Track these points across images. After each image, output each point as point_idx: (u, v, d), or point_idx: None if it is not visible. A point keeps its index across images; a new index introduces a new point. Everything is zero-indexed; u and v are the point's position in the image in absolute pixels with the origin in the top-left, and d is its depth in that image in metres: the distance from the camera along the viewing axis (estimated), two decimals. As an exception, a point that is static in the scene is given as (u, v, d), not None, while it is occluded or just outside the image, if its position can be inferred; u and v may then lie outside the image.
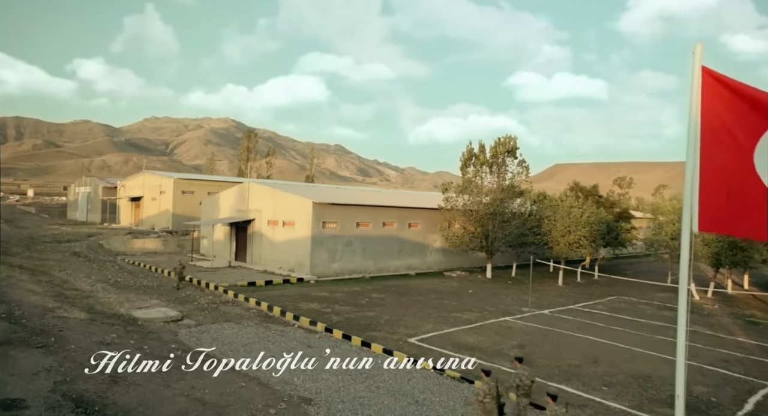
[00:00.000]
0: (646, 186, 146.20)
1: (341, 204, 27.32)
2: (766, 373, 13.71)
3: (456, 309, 20.12)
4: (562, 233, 27.25)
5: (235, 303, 19.80)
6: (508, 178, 27.82)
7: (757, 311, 23.35)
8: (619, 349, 15.49)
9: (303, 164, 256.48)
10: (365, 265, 27.86)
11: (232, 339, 14.68)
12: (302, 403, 10.31)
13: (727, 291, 28.22)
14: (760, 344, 17.01)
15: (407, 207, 30.31)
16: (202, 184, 44.82)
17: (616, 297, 25.20)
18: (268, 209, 28.72)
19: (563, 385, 12.04)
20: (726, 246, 24.45)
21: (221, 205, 32.84)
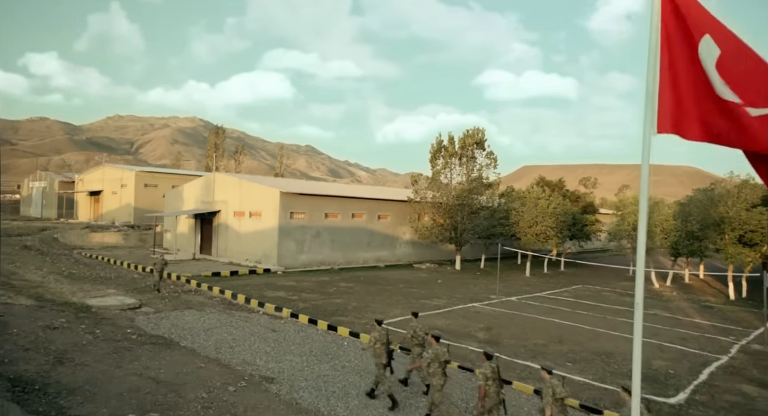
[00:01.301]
0: (610, 187, 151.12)
1: (309, 194, 26.89)
2: (718, 348, 14.21)
3: (424, 297, 20.05)
4: (530, 224, 27.65)
5: (197, 293, 19.12)
6: (477, 169, 28.03)
7: (711, 297, 24.29)
8: (584, 330, 15.73)
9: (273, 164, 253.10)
10: (334, 257, 27.49)
11: (192, 324, 14.10)
12: (264, 381, 9.94)
13: (684, 280, 29.34)
14: (714, 324, 17.66)
15: (377, 198, 30.13)
16: (166, 177, 43.35)
17: (581, 286, 25.75)
18: (234, 200, 27.99)
19: (529, 362, 12.10)
20: (683, 236, 25.34)
21: (186, 198, 31.81)
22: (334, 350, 12.45)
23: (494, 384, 7.37)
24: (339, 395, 9.54)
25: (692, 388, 10.76)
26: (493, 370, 7.43)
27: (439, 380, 8.08)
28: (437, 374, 8.04)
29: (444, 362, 8.15)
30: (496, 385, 7.39)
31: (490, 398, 7.36)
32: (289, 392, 9.46)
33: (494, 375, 7.41)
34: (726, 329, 16.95)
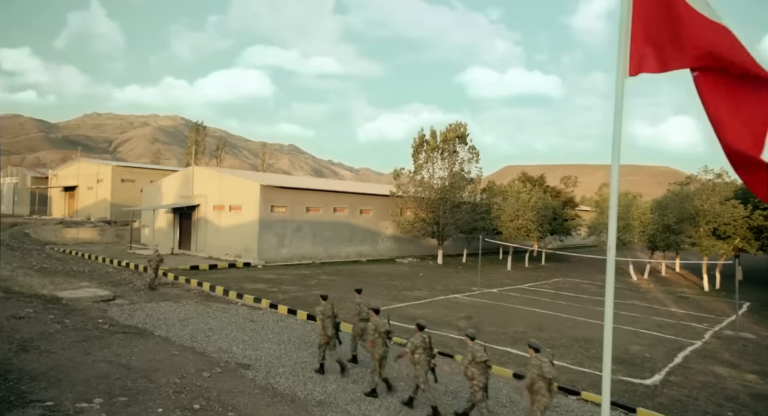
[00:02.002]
0: (590, 187, 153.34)
1: (290, 187, 26.61)
2: (693, 334, 14.47)
3: (406, 289, 19.99)
4: (511, 218, 27.84)
5: (174, 285, 18.71)
6: (458, 162, 28.10)
7: (686, 288, 24.80)
8: (563, 319, 15.86)
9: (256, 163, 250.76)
10: (315, 251, 27.25)
11: (168, 315, 13.77)
12: (240, 368, 9.73)
13: (660, 273, 29.92)
14: (689, 313, 18.00)
15: (359, 193, 29.98)
16: (144, 172, 42.41)
17: (561, 279, 26.01)
18: (213, 194, 27.52)
19: (509, 348, 12.12)
20: (660, 229, 25.81)
21: (164, 192, 31.18)
22: (313, 338, 12.26)
23: (424, 352, 7.94)
24: (317, 380, 9.39)
25: (667, 370, 10.91)
26: (424, 340, 8.00)
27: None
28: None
29: (386, 332, 8.79)
30: (426, 354, 7.94)
31: (421, 365, 7.93)
32: (265, 377, 9.28)
33: (424, 344, 7.99)
34: (700, 317, 17.29)
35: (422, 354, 7.90)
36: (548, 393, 6.67)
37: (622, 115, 3.49)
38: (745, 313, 18.40)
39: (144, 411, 7.08)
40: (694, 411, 8.72)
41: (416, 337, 8.04)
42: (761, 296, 22.85)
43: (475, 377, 7.33)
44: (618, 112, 3.42)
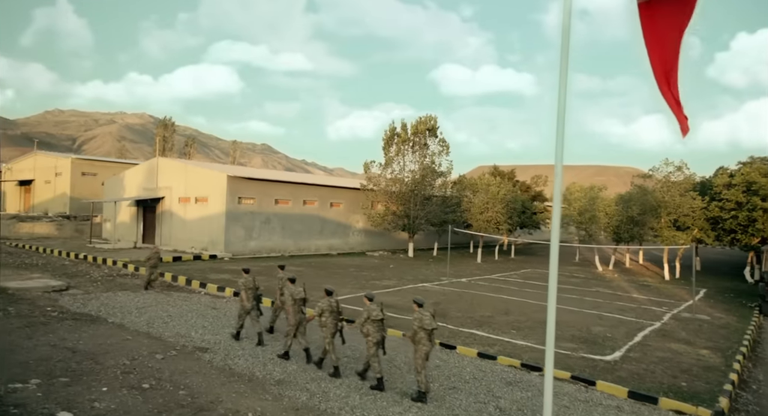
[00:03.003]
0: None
1: (258, 179, 26.09)
2: (652, 317, 14.86)
3: (375, 279, 19.86)
4: (481, 210, 28.08)
5: (135, 276, 18.02)
6: (429, 155, 28.16)
7: (648, 278, 25.55)
8: (529, 304, 16.03)
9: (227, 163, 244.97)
10: (284, 244, 26.81)
11: (125, 303, 13.21)
12: (197, 351, 9.37)
13: (625, 265, 30.77)
14: (650, 298, 18.52)
15: (329, 185, 29.68)
16: (106, 165, 40.83)
17: (530, 270, 26.40)
18: (179, 186, 26.72)
19: (474, 330, 12.13)
20: (624, 221, 26.50)
21: (127, 185, 30.11)
22: (277, 324, 11.97)
23: (331, 316, 8.59)
24: (277, 361, 9.14)
25: (627, 348, 11.12)
26: (330, 304, 8.62)
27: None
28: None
29: (301, 300, 9.36)
30: (333, 317, 8.60)
31: (328, 328, 8.57)
32: (223, 359, 8.97)
33: (331, 308, 8.61)
34: (660, 302, 17.79)
35: (329, 318, 8.56)
36: (429, 343, 7.59)
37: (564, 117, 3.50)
38: (702, 298, 19.05)
39: (86, 390, 6.69)
40: (651, 382, 8.88)
41: (323, 302, 8.65)
42: (716, 283, 23.76)
43: (371, 334, 7.98)
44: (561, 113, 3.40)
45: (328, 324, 8.56)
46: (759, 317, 15.79)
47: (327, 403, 7.23)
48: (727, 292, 21.11)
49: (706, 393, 8.41)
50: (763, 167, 24.52)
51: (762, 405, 8.37)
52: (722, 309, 16.92)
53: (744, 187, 23.69)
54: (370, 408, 7.14)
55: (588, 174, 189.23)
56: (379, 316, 7.97)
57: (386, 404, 7.35)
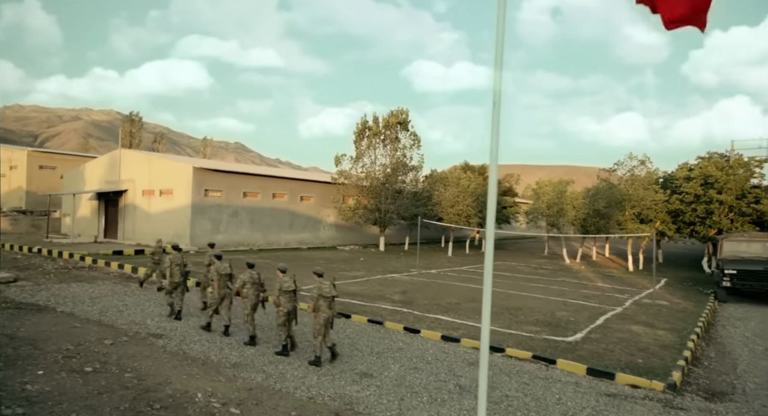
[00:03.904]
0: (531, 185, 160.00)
1: (225, 171, 25.51)
2: (615, 303, 15.18)
3: (344, 270, 19.67)
4: (451, 203, 28.21)
5: (92, 269, 17.30)
6: (400, 148, 28.12)
7: (614, 269, 26.18)
8: (497, 292, 16.12)
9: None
10: (253, 238, 26.30)
11: (78, 294, 12.64)
12: (150, 337, 9.01)
13: (592, 258, 31.46)
14: (614, 287, 18.95)
15: (299, 179, 29.28)
16: (67, 158, 39.18)
17: (500, 262, 26.65)
18: (143, 178, 25.86)
19: (439, 315, 12.11)
20: (591, 214, 27.06)
21: (88, 177, 28.97)
22: (238, 312, 11.65)
23: (252, 287, 8.97)
24: (234, 346, 8.88)
25: (588, 330, 11.28)
26: (251, 276, 9.00)
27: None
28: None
29: (227, 275, 9.68)
30: (254, 289, 8.97)
31: (249, 299, 8.93)
32: (178, 345, 8.64)
33: (252, 280, 8.99)
34: (623, 290, 18.21)
35: (250, 289, 8.94)
36: (328, 310, 8.00)
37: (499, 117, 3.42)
38: (662, 287, 19.62)
39: (19, 374, 6.29)
40: (609, 360, 9.00)
41: (245, 274, 9.01)
42: (677, 274, 24.54)
43: (282, 304, 8.29)
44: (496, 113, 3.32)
45: (250, 295, 8.94)
46: (714, 302, 16.35)
47: (283, 383, 7.03)
48: (686, 281, 21.81)
49: (661, 368, 8.58)
50: (719, 161, 25.46)
51: (712, 378, 8.60)
52: (681, 295, 17.44)
53: (702, 180, 24.55)
54: (327, 387, 6.98)
55: (558, 173, 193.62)
56: (290, 288, 8.33)
57: (344, 383, 7.20)
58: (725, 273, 16.71)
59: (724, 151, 28.00)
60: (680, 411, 6.87)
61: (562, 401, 7.06)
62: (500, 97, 3.72)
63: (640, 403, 7.14)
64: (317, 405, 6.28)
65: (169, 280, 10.55)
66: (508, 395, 7.18)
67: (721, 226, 24.01)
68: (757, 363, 9.57)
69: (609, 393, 7.56)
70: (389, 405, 6.44)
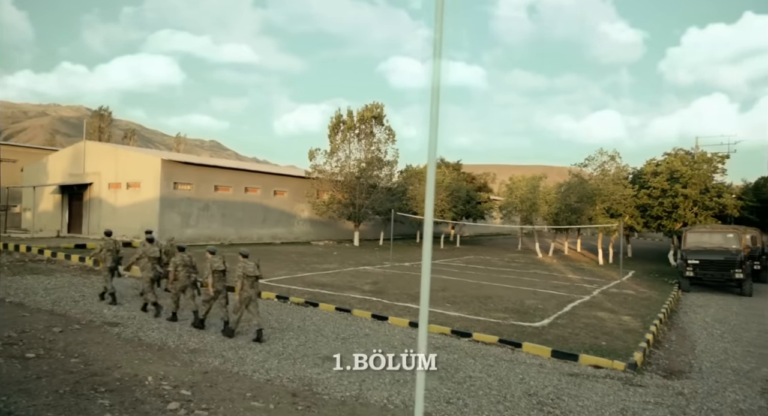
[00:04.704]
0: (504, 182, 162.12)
1: (195, 164, 24.92)
2: (583, 292, 15.40)
3: (316, 263, 19.44)
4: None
5: (51, 262, 16.60)
6: (374, 142, 28.00)
7: (584, 263, 26.64)
8: (468, 283, 16.19)
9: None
10: (225, 232, 25.76)
11: (31, 285, 12.07)
12: (105, 325, 8.64)
13: (564, 253, 31.98)
14: (583, 278, 19.25)
15: (272, 173, 28.84)
16: (29, 151, 37.62)
17: (473, 257, 26.84)
18: (109, 171, 25.02)
19: (409, 304, 12.02)
20: (563, 209, 27.49)
21: (50, 170, 27.88)
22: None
23: (184, 269, 9.16)
24: (194, 332, 8.60)
25: (555, 316, 11.37)
26: (183, 259, 9.21)
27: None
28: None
29: (155, 258, 10.01)
30: (186, 271, 9.17)
31: (180, 280, 9.13)
32: (134, 332, 8.31)
33: (183, 262, 9.18)
34: (591, 280, 18.52)
35: (182, 271, 9.14)
36: (250, 289, 8.31)
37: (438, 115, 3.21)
38: (629, 278, 20.04)
39: (-48, 359, 5.90)
40: (574, 343, 9.07)
41: (177, 257, 9.26)
42: (644, 267, 25.14)
43: (213, 284, 8.67)
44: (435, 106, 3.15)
45: (180, 277, 9.13)
46: (677, 291, 16.77)
47: (241, 367, 6.80)
48: (653, 273, 22.35)
49: (624, 350, 8.69)
50: (685, 157, 26.20)
51: (671, 359, 8.75)
52: (646, 285, 17.83)
53: (668, 175, 25.21)
54: (287, 370, 6.79)
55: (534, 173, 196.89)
56: (220, 268, 8.73)
57: (305, 366, 7.02)
58: (688, 263, 17.16)
59: (690, 148, 28.87)
60: (639, 388, 6.94)
61: (525, 380, 7.05)
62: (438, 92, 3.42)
63: (601, 381, 7.19)
64: (274, 387, 6.09)
65: (102, 266, 10.59)
66: (471, 375, 7.12)
67: (686, 220, 24.70)
68: (714, 345, 9.80)
69: (572, 373, 7.60)
70: (350, 387, 6.30)
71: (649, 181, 26.04)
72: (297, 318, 10.25)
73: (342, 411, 5.49)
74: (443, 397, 6.15)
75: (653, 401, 6.40)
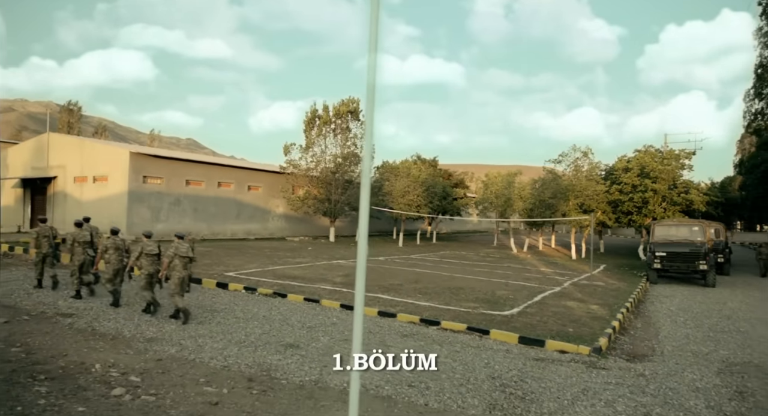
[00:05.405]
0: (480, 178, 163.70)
1: (166, 157, 24.28)
2: (554, 283, 15.55)
3: (290, 257, 19.15)
4: (402, 193, 28.18)
5: (8, 256, 15.90)
6: (350, 137, 27.79)
7: (558, 258, 27.01)
8: (441, 275, 16.16)
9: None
10: (197, 227, 25.15)
11: (-16, 278, 11.47)
12: (57, 316, 8.25)
13: (539, 248, 32.38)
14: (555, 271, 19.47)
15: (246, 167, 28.34)
16: (-9, 146, 36.15)
17: (449, 252, 26.89)
18: (74, 164, 24.16)
19: (380, 294, 11.90)
20: (537, 204, 27.79)
21: (11, 164, 26.78)
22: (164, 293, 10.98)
23: (115, 253, 9.19)
24: (153, 322, 8.29)
25: (525, 305, 11.42)
26: (114, 242, 9.27)
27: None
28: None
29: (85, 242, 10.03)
30: (117, 254, 9.20)
31: (112, 264, 9.15)
32: (88, 323, 7.96)
33: (115, 245, 9.24)
34: (563, 273, 18.73)
35: (113, 255, 9.16)
36: (183, 270, 8.35)
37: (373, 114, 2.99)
38: (601, 271, 20.37)
39: None
40: (542, 330, 9.09)
41: (107, 240, 9.32)
42: (615, 261, 25.62)
43: (143, 267, 8.70)
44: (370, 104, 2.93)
45: (112, 260, 9.14)
46: (645, 283, 17.11)
47: (198, 354, 6.56)
48: (623, 267, 22.78)
49: (590, 336, 8.75)
50: (656, 153, 26.81)
51: (635, 344, 8.86)
52: (617, 278, 18.14)
53: (638, 170, 25.75)
54: (247, 356, 6.58)
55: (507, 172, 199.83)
56: (153, 251, 8.74)
57: (266, 353, 6.82)
58: (656, 256, 17.52)
59: (660, 146, 29.57)
60: (602, 370, 6.97)
61: (490, 365, 7.00)
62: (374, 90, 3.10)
63: (565, 365, 7.20)
64: (231, 373, 5.88)
65: (36, 252, 10.50)
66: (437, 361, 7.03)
67: (655, 215, 25.26)
68: (677, 331, 9.98)
69: (537, 357, 7.59)
70: (310, 372, 6.13)
71: (620, 177, 26.55)
72: (263, 308, 10.01)
73: (299, 395, 5.32)
74: (405, 381, 6.05)
75: (614, 382, 6.42)
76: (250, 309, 9.87)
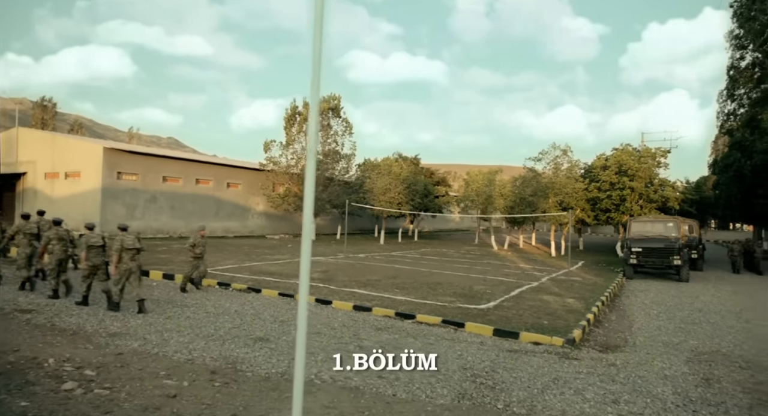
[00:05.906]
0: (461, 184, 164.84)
1: (140, 153, 23.74)
2: (532, 279, 15.63)
3: (268, 254, 18.90)
4: (383, 190, 28.09)
5: (-28, 254, 15.26)
6: (331, 134, 27.59)
7: (538, 255, 27.24)
8: (420, 271, 16.10)
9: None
10: (174, 225, 24.68)
11: (-58, 275, 10.97)
12: (16, 312, 7.92)
13: (519, 246, 32.64)
14: (534, 267, 19.60)
15: (225, 164, 27.91)
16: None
17: (429, 249, 26.91)
18: (45, 160, 23.46)
19: (356, 289, 11.78)
20: (518, 201, 28.00)
21: (-21, 160, 25.84)
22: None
23: (59, 243, 9.17)
24: (118, 317, 8.02)
25: (502, 299, 11.41)
26: (57, 233, 9.21)
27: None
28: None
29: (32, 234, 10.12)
30: (61, 245, 9.19)
31: (55, 254, 9.09)
32: (48, 318, 7.65)
33: (58, 236, 9.20)
34: (542, 269, 18.87)
35: (56, 245, 9.12)
36: (131, 262, 8.44)
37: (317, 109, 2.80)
38: (579, 267, 20.59)
39: None
40: (517, 323, 9.07)
41: (51, 231, 9.22)
42: (594, 258, 25.96)
43: (88, 258, 8.63)
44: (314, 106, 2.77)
45: (56, 251, 9.09)
46: (622, 278, 17.32)
47: (162, 348, 6.34)
48: (601, 263, 23.07)
49: (564, 328, 8.75)
50: (633, 152, 27.24)
51: (609, 336, 8.90)
52: (594, 273, 18.34)
53: (616, 168, 26.12)
54: (213, 350, 6.38)
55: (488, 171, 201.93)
56: (98, 243, 8.72)
57: (234, 346, 6.63)
58: (632, 251, 17.75)
59: (637, 145, 30.06)
60: (574, 361, 6.96)
61: (463, 356, 6.93)
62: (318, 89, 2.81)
63: (538, 356, 7.17)
64: (195, 366, 5.68)
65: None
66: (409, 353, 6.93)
67: (632, 212, 25.66)
68: (650, 323, 10.07)
69: (511, 349, 7.55)
70: (277, 364, 5.96)
71: (599, 175, 26.90)
72: (236, 303, 9.80)
73: (264, 387, 5.16)
74: (375, 372, 5.92)
75: (585, 371, 6.41)
76: (222, 303, 9.65)
